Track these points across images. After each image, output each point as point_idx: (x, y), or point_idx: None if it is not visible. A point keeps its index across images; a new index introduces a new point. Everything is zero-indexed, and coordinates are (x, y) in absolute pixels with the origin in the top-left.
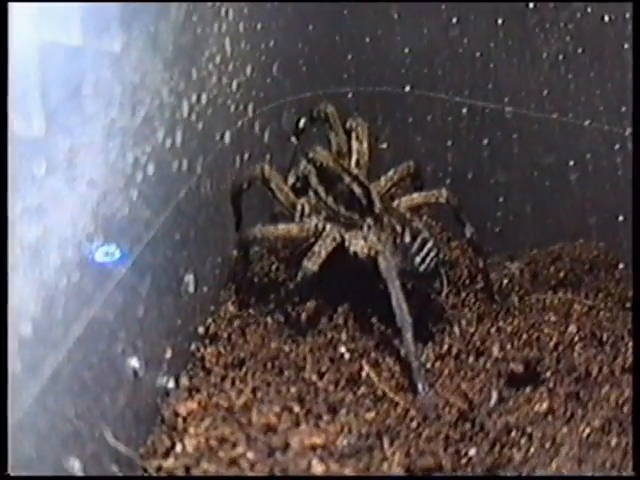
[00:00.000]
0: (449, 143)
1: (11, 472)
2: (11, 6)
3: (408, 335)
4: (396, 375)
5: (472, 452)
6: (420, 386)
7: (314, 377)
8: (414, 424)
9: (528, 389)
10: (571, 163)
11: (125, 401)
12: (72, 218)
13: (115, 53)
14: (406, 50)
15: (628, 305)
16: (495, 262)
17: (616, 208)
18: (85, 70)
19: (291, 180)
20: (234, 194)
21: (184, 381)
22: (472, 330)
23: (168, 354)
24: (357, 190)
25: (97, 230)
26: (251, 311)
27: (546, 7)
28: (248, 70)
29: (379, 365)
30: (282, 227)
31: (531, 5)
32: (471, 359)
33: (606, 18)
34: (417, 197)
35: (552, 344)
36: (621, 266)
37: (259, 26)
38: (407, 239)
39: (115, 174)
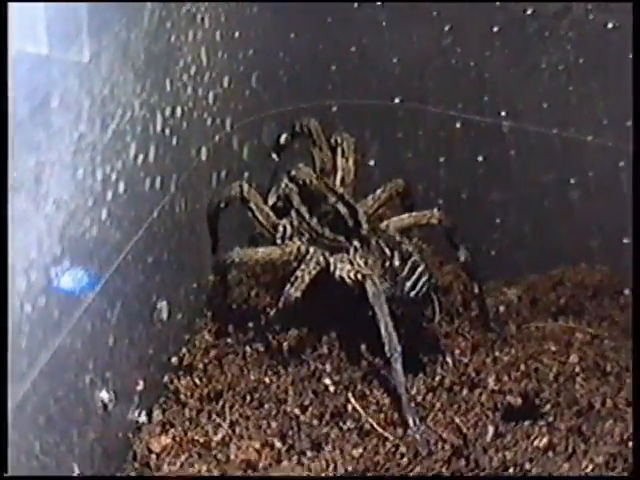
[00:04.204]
0: (442, 160)
1: None
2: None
3: (398, 366)
4: (385, 409)
5: None
6: (410, 420)
7: (297, 411)
8: (404, 461)
9: (526, 423)
10: (572, 181)
11: (94, 436)
12: (37, 239)
13: (83, 63)
14: (395, 60)
15: None
16: (491, 288)
17: (621, 229)
18: (52, 81)
19: (272, 200)
20: (211, 214)
21: (157, 415)
22: (466, 360)
23: (140, 386)
24: (343, 210)
25: (64, 252)
26: (229, 340)
27: (545, 14)
28: (225, 81)
29: (366, 398)
30: (262, 250)
31: (529, 11)
32: (465, 391)
33: (609, 25)
34: (407, 218)
35: (552, 375)
36: (626, 292)
37: (237, 34)
38: (396, 263)
39: (83, 192)
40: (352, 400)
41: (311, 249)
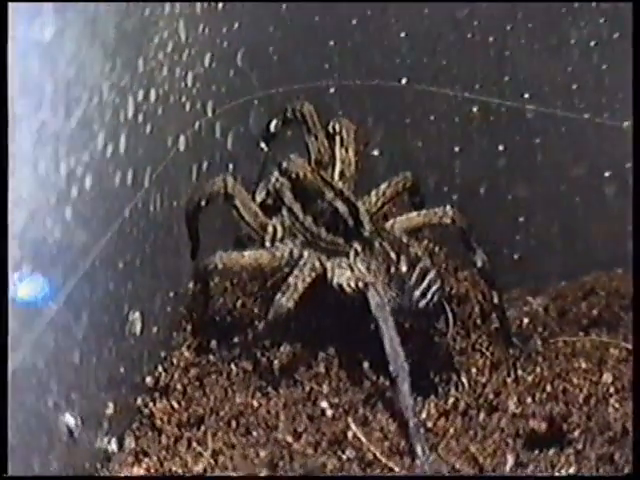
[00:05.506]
0: (456, 149)
1: None
2: None
3: (404, 387)
4: (390, 436)
5: None
6: (419, 449)
7: (289, 438)
8: None
9: (552, 452)
10: (606, 174)
11: (58, 466)
12: None
13: (45, 41)
14: (402, 34)
15: None
16: (513, 297)
17: None
18: (9, 62)
19: (260, 196)
20: (190, 213)
21: (129, 443)
22: (484, 380)
23: (109, 410)
24: (342, 208)
25: (23, 257)
26: (211, 358)
27: None
28: (207, 60)
29: (369, 424)
30: (249, 254)
31: None
32: (482, 416)
33: None
34: (416, 217)
35: (582, 397)
36: None
37: (220, 5)
38: (403, 268)
39: (45, 189)
40: (352, 426)
41: (305, 253)
